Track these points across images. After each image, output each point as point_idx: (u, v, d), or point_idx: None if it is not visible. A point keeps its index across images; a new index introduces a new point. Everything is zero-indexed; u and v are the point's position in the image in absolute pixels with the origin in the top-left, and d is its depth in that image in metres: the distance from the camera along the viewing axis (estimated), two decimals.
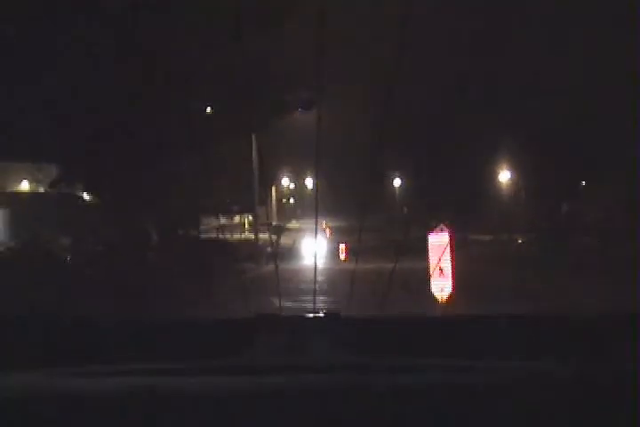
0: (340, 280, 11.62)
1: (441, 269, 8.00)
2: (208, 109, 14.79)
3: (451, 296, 7.80)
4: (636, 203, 16.47)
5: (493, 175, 27.24)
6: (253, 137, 17.45)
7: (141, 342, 1.84)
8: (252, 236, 27.04)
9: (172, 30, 11.54)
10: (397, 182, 34.59)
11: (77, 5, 11.38)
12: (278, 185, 37.69)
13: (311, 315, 1.93)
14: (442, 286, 7.96)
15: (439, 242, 8.24)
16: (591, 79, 19.95)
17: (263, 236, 22.62)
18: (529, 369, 1.56)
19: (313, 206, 39.30)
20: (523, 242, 22.39)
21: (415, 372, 1.56)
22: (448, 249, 8.14)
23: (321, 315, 1.95)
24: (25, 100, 11.55)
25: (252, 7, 11.51)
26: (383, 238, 19.37)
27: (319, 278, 12.97)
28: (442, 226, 20.23)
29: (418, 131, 25.52)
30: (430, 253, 8.21)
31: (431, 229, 18.51)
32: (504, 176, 27.21)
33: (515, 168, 26.45)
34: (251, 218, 27.93)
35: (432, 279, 8.07)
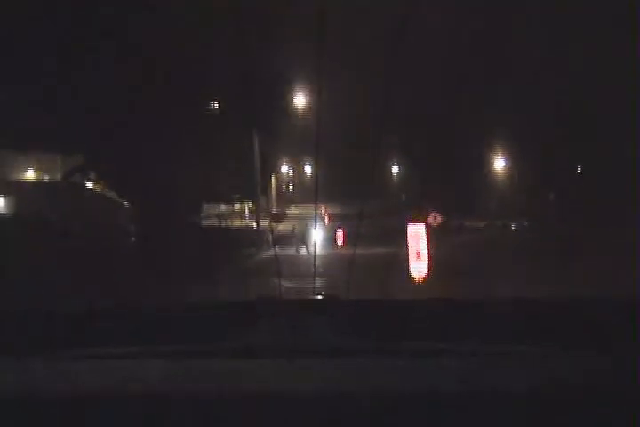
0: (336, 265, 12.34)
1: (418, 254, 8.79)
2: (212, 104, 15.56)
3: (426, 277, 8.61)
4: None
5: (489, 163, 27.81)
6: (254, 133, 18.08)
7: (141, 325, 1.86)
8: (252, 222, 27.77)
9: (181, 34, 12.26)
10: (395, 170, 35.18)
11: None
12: (278, 172, 38.13)
13: (311, 298, 1.99)
14: (419, 269, 8.79)
15: (416, 231, 9.03)
16: (589, 71, 20.18)
17: (264, 222, 23.26)
18: (530, 355, 1.59)
19: (312, 193, 39.81)
20: (515, 229, 23.06)
21: (416, 355, 1.58)
22: (424, 237, 8.92)
23: (321, 298, 1.97)
24: (48, 97, 12.32)
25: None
26: (380, 225, 19.79)
27: (317, 263, 13.67)
28: (434, 213, 20.96)
29: (417, 120, 26.05)
30: (409, 240, 8.99)
31: (426, 215, 19.29)
32: (499, 164, 27.81)
33: (509, 156, 27.04)
34: (251, 205, 28.64)
35: (410, 262, 8.89)
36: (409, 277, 8.78)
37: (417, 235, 8.94)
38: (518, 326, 1.77)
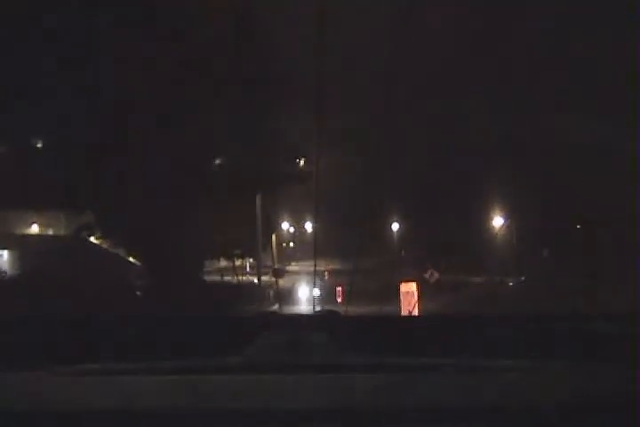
0: None
1: (409, 311, 9.40)
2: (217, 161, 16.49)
3: None
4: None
5: (487, 220, 28.41)
6: (258, 198, 18.86)
7: (142, 340, 1.89)
8: (252, 278, 28.27)
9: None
10: (395, 226, 35.62)
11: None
12: (279, 229, 38.70)
13: (311, 313, 2.14)
14: None
15: (408, 289, 9.67)
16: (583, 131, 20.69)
17: (265, 278, 23.82)
18: (529, 370, 1.60)
19: (312, 249, 40.13)
20: (513, 284, 23.51)
21: (415, 370, 1.60)
22: (415, 294, 9.56)
23: (320, 314, 2.00)
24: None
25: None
26: (380, 281, 20.18)
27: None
28: (431, 270, 21.42)
29: (416, 176, 26.71)
30: (401, 298, 9.63)
31: (423, 272, 19.79)
32: (498, 221, 28.42)
33: (506, 214, 27.66)
34: (252, 261, 29.24)
35: None
36: None
37: (409, 293, 9.60)
38: (517, 341, 1.80)
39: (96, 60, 12.64)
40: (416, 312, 9.47)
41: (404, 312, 9.61)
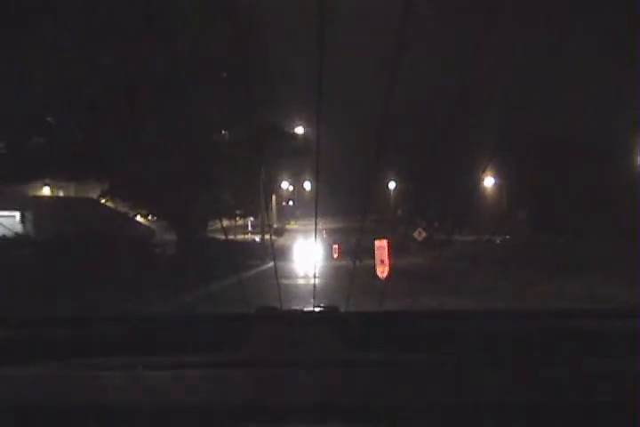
0: (330, 273, 15.31)
1: (382, 261, 11.83)
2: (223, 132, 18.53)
3: (387, 277, 11.57)
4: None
5: (480, 181, 30.23)
6: (262, 170, 20.76)
7: (141, 336, 1.90)
8: (253, 236, 30.51)
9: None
10: (392, 185, 37.40)
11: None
12: (278, 189, 40.22)
13: (310, 309, 2.02)
14: (382, 271, 11.84)
15: (381, 245, 12.10)
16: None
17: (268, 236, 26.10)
18: (529, 367, 1.61)
19: (311, 208, 41.87)
20: (500, 242, 25.59)
21: (415, 367, 1.62)
22: (386, 249, 11.98)
23: (320, 309, 2.00)
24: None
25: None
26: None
27: (314, 272, 16.60)
28: (420, 229, 23.59)
29: (414, 137, 28.27)
30: (376, 251, 12.05)
31: (415, 230, 21.97)
32: (489, 182, 30.41)
33: (497, 175, 29.49)
34: (252, 220, 31.49)
35: (377, 266, 11.94)
36: (375, 277, 11.73)
37: (382, 247, 12.05)
38: (518, 337, 1.82)
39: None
40: (387, 261, 11.89)
41: (378, 261, 12.04)
